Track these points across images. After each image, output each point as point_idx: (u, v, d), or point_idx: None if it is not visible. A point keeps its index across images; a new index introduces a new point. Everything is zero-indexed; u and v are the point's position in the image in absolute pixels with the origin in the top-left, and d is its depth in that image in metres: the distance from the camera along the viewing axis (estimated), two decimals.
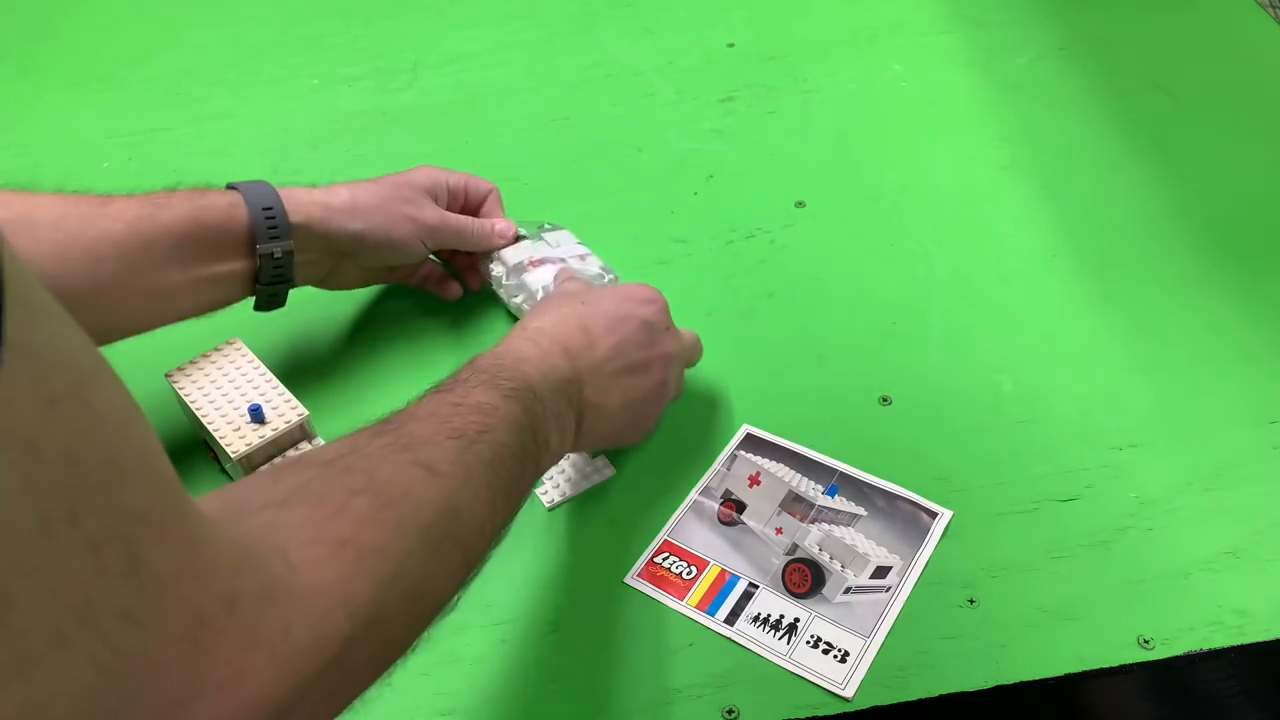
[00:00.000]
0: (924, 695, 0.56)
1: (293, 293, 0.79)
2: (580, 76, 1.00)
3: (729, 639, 0.59)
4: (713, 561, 0.62)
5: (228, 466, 0.64)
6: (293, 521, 0.39)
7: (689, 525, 0.64)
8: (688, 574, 0.62)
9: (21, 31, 1.10)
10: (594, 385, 0.59)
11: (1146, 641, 0.57)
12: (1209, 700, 0.57)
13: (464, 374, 0.54)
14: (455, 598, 0.47)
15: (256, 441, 0.61)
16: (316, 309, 0.78)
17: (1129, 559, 0.61)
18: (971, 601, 0.60)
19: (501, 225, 0.77)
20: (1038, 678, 0.56)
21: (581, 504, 0.66)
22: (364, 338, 0.77)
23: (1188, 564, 0.61)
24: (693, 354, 0.69)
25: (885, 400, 0.71)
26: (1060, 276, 0.78)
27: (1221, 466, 0.66)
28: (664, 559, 0.63)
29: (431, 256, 0.78)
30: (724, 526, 0.64)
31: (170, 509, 0.32)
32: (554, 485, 0.66)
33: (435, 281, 0.79)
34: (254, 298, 0.68)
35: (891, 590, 0.60)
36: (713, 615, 0.60)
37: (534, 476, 0.54)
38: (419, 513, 0.43)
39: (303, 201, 0.67)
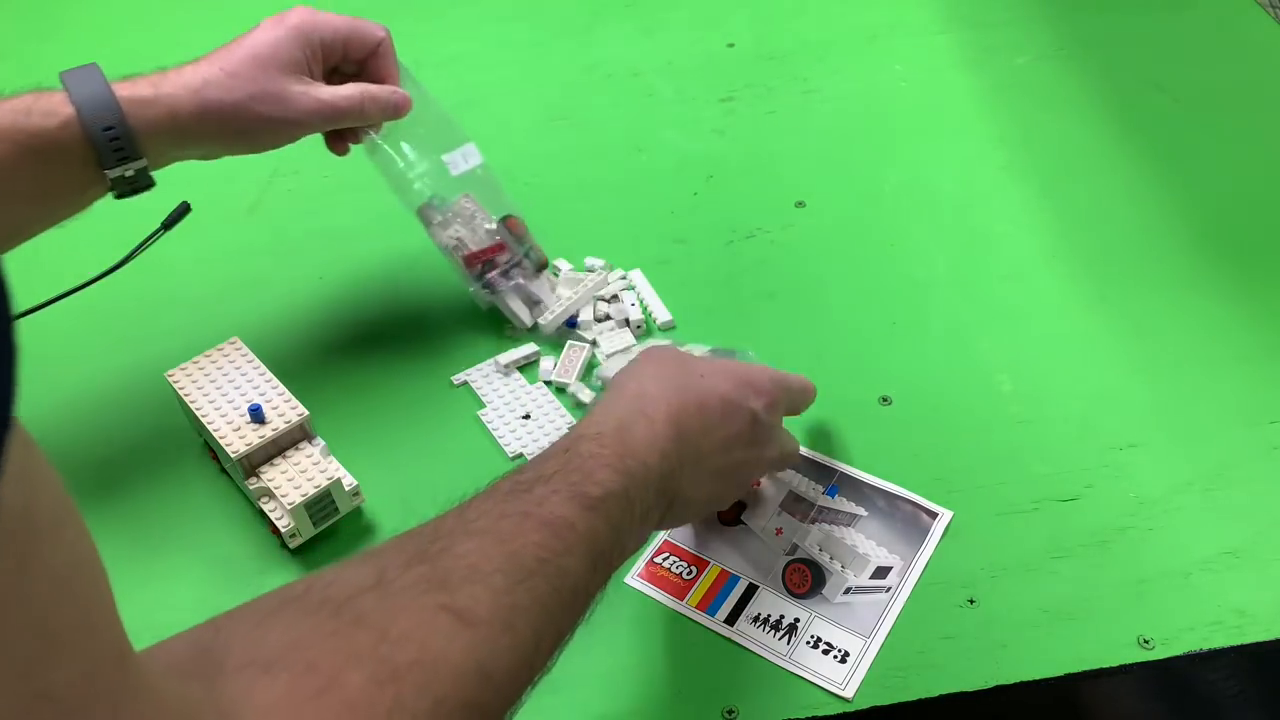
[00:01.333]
0: (924, 695, 0.56)
1: (293, 293, 0.79)
2: (580, 76, 1.00)
3: (729, 639, 0.59)
4: (713, 561, 0.62)
5: (227, 466, 0.64)
6: (271, 695, 0.34)
7: (689, 525, 0.64)
8: (688, 574, 0.62)
9: (22, 31, 1.10)
10: (692, 478, 0.53)
11: (1146, 641, 0.57)
12: (1209, 700, 0.57)
13: (550, 466, 0.47)
14: None
15: (256, 441, 0.61)
16: (317, 309, 0.78)
17: (1129, 559, 0.61)
18: (971, 601, 0.60)
19: (399, 97, 0.67)
20: (1038, 678, 0.56)
21: None
22: (364, 337, 0.77)
23: (1188, 564, 0.61)
24: (787, 461, 0.64)
25: (885, 400, 0.71)
26: (1060, 276, 0.78)
27: (1221, 466, 0.66)
28: (664, 559, 0.63)
29: None
30: (724, 526, 0.64)
31: (104, 686, 0.27)
32: None
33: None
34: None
35: (891, 590, 0.60)
36: (713, 615, 0.60)
37: (600, 593, 0.47)
38: (432, 683, 0.36)
39: (147, 110, 0.60)
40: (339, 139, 0.71)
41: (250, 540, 0.65)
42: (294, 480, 0.62)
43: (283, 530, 0.61)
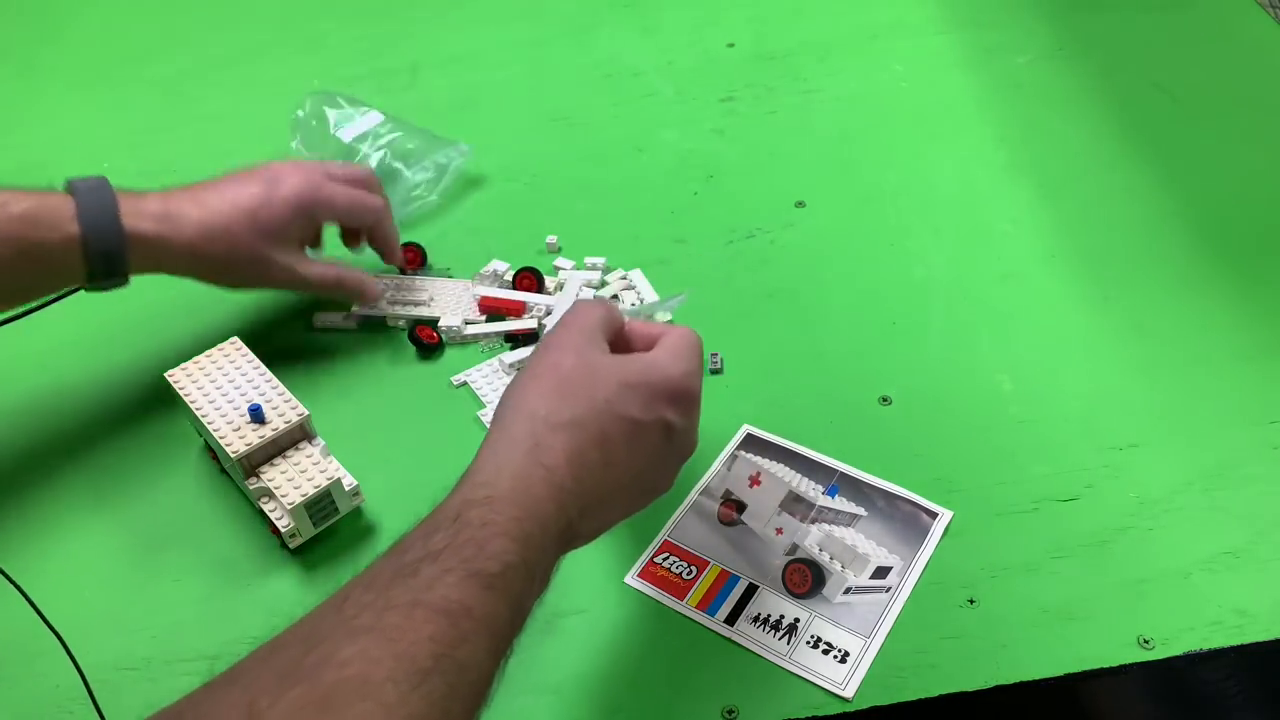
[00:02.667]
0: (924, 695, 0.56)
1: (293, 293, 0.79)
2: (580, 76, 1.00)
3: (729, 639, 0.59)
4: (713, 561, 0.62)
5: (227, 466, 0.64)
6: None
7: (689, 525, 0.64)
8: (688, 574, 0.62)
9: (22, 31, 1.10)
10: (596, 514, 0.49)
11: (1146, 641, 0.57)
12: (1209, 700, 0.57)
13: (438, 541, 0.42)
14: None
15: (256, 441, 0.61)
16: (317, 309, 0.78)
17: (1129, 559, 0.61)
18: (971, 601, 0.60)
19: (367, 286, 0.73)
20: (1038, 678, 0.56)
21: None
22: (365, 337, 0.77)
23: (1188, 564, 0.61)
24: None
25: (885, 400, 0.71)
26: (1060, 276, 0.78)
27: (1221, 466, 0.66)
28: (664, 559, 0.63)
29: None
30: (724, 526, 0.64)
31: None
32: None
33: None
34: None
35: (891, 590, 0.60)
36: (713, 615, 0.60)
37: (502, 672, 0.42)
38: None
39: (146, 246, 0.63)
40: (352, 237, 0.77)
41: (250, 540, 0.65)
42: (294, 480, 0.62)
43: (283, 530, 0.61)
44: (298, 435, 0.63)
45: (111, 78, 1.03)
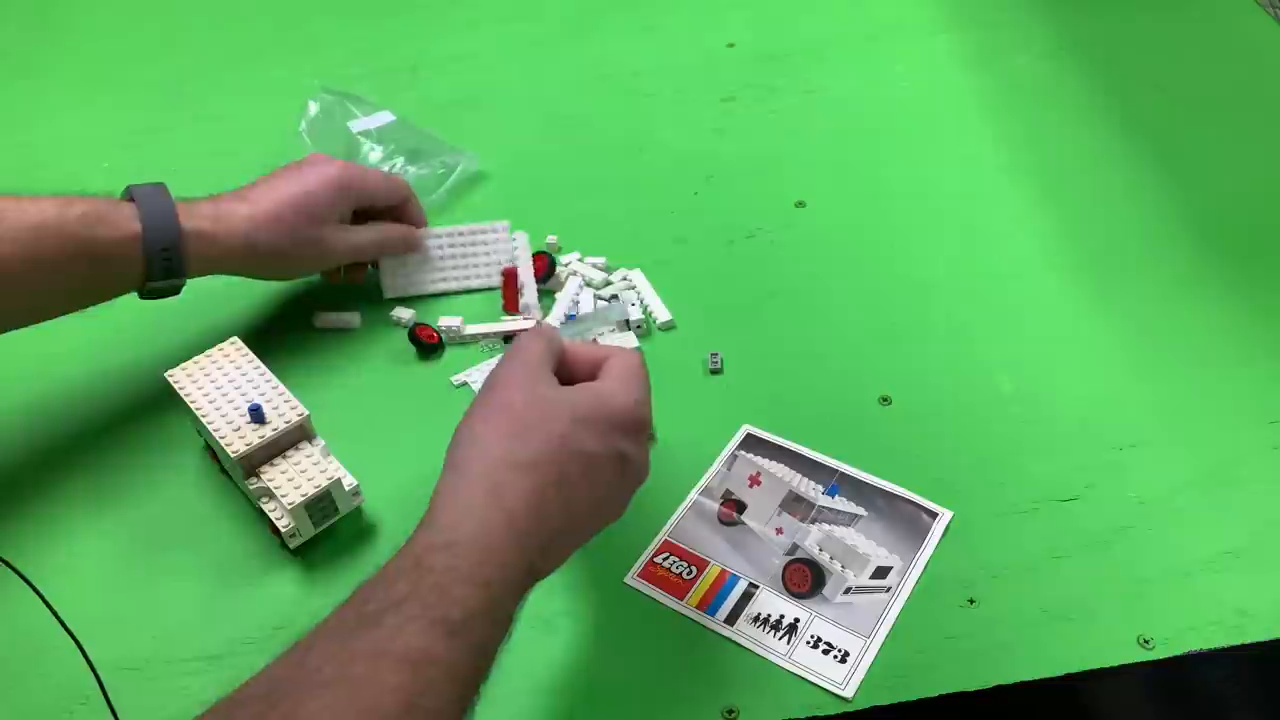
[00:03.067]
0: (924, 695, 0.56)
1: (293, 293, 0.79)
2: (580, 76, 1.00)
3: (729, 639, 0.59)
4: (713, 561, 0.62)
5: (227, 466, 0.64)
6: None
7: (689, 525, 0.64)
8: (688, 574, 0.62)
9: (21, 31, 1.10)
10: (557, 549, 0.50)
11: (1146, 641, 0.57)
12: (1209, 700, 0.57)
13: (400, 589, 0.41)
14: None
15: (256, 441, 0.61)
16: (317, 309, 0.78)
17: (1129, 559, 0.61)
18: (971, 601, 0.60)
19: (412, 235, 0.77)
20: (1038, 678, 0.56)
21: None
22: (364, 336, 0.77)
23: (1188, 564, 0.61)
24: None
25: (885, 400, 0.71)
26: (1060, 276, 0.78)
27: (1222, 466, 0.66)
28: (664, 559, 0.63)
29: None
30: (724, 526, 0.64)
31: None
32: None
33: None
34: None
35: (891, 590, 0.60)
36: (713, 615, 0.60)
37: (471, 715, 0.43)
38: None
39: (202, 244, 0.66)
40: (356, 270, 0.78)
41: (251, 541, 0.65)
42: (294, 480, 0.62)
43: (283, 530, 0.61)
44: (297, 435, 0.63)
45: (111, 78, 1.03)
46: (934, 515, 0.64)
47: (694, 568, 0.62)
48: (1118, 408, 0.69)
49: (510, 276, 0.78)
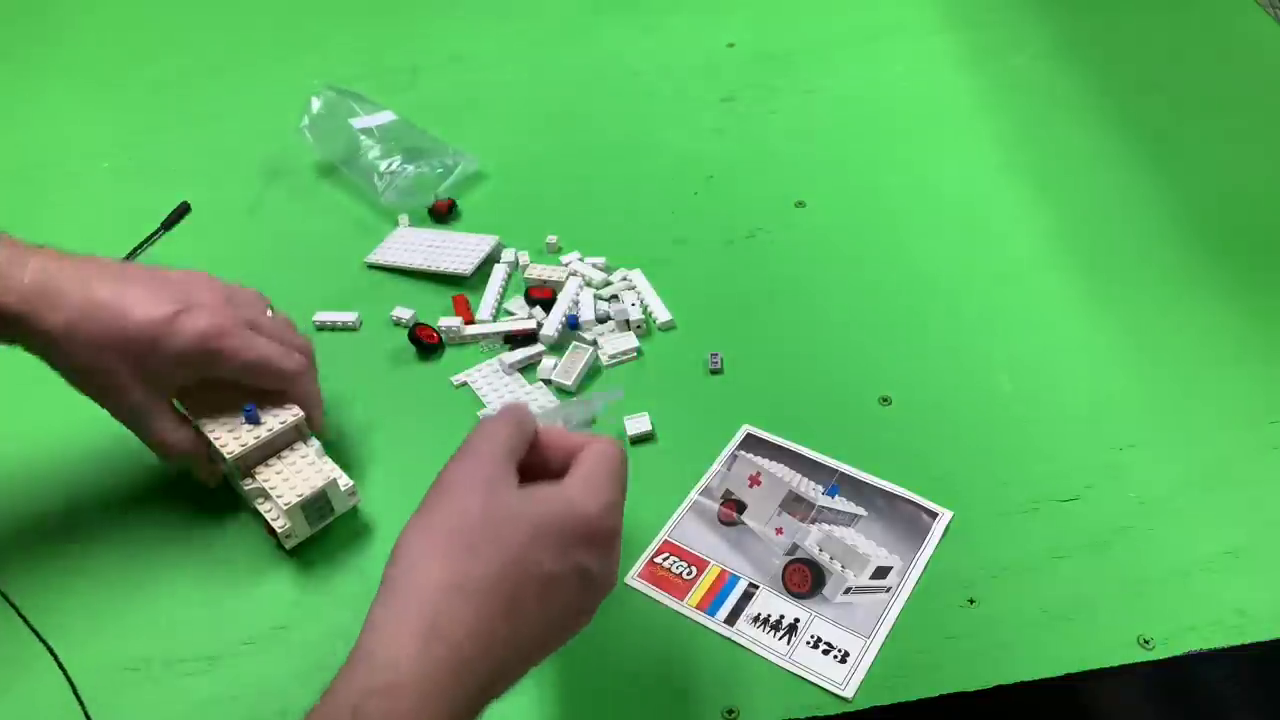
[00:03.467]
0: (924, 695, 0.56)
1: (292, 292, 0.79)
2: (580, 76, 1.00)
3: (729, 639, 0.59)
4: (713, 562, 0.62)
5: (224, 467, 0.64)
6: None
7: (689, 525, 0.64)
8: (688, 574, 0.62)
9: (21, 32, 1.10)
10: (507, 676, 0.45)
11: (1146, 641, 0.57)
12: (1209, 700, 0.57)
13: None
14: None
15: (251, 442, 0.61)
16: (316, 309, 0.78)
17: (1129, 559, 0.61)
18: (971, 601, 0.60)
19: (214, 473, 0.62)
20: (1038, 678, 0.56)
21: None
22: (364, 336, 0.77)
23: (1188, 564, 0.61)
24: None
25: (885, 400, 0.71)
26: (1060, 276, 0.78)
27: (1221, 466, 0.66)
28: (664, 559, 0.63)
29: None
30: (724, 527, 0.64)
31: None
32: None
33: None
34: None
35: (891, 590, 0.60)
36: (713, 615, 0.60)
37: None
38: None
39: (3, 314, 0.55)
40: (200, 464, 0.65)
41: (248, 541, 0.64)
42: (289, 480, 0.62)
43: (279, 530, 0.61)
44: (292, 436, 0.63)
45: (111, 78, 1.03)
46: (934, 515, 0.64)
47: (694, 568, 0.62)
48: (1118, 408, 0.69)
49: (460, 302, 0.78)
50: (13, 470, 0.68)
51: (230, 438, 0.61)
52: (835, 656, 0.57)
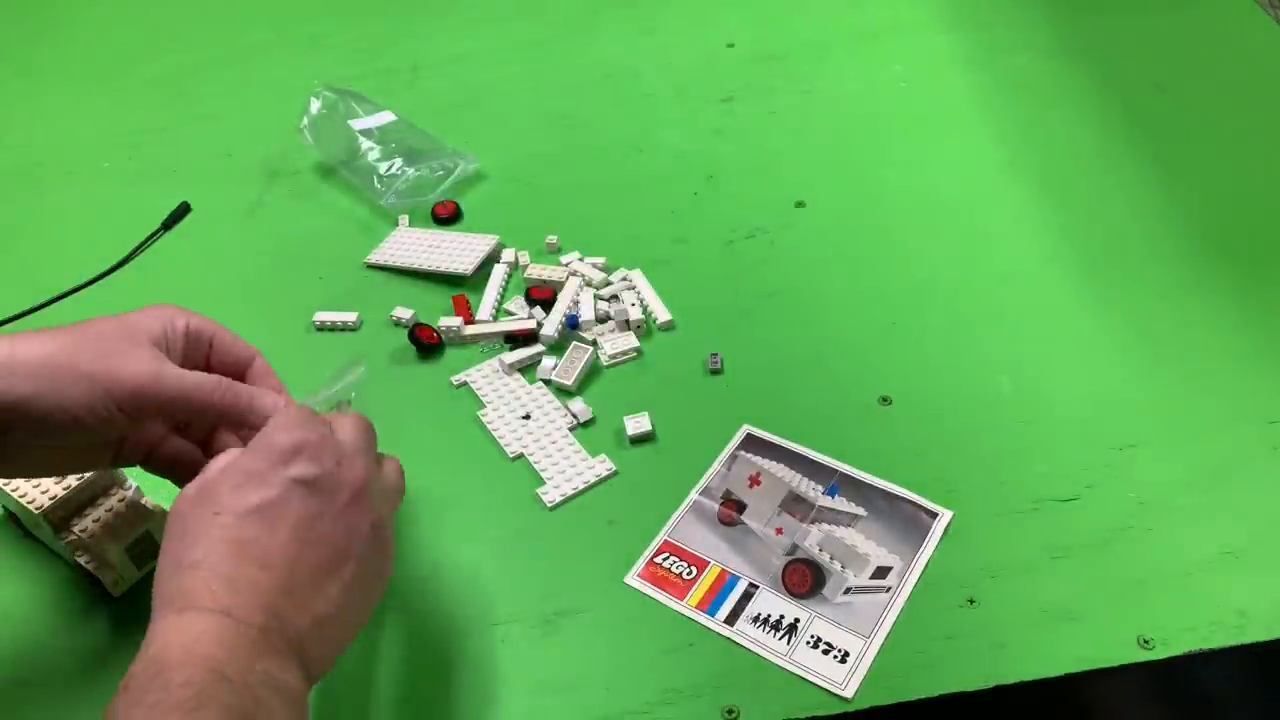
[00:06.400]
0: (924, 695, 0.56)
1: (293, 292, 0.79)
2: (580, 76, 1.00)
3: (729, 639, 0.59)
4: (713, 562, 0.62)
5: (30, 526, 0.62)
6: None
7: (689, 525, 0.64)
8: (688, 574, 0.62)
9: (21, 31, 1.10)
10: (317, 637, 0.45)
11: (1146, 641, 0.57)
12: (1209, 700, 0.57)
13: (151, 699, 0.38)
14: None
15: (60, 493, 0.58)
16: (316, 309, 0.78)
17: (1129, 559, 0.61)
18: (971, 601, 0.60)
19: (271, 398, 0.54)
20: (1038, 678, 0.56)
21: (581, 504, 0.66)
22: (364, 336, 0.77)
23: (1188, 564, 0.61)
24: (394, 486, 0.53)
25: (885, 400, 0.71)
26: (1060, 276, 0.78)
27: (1221, 466, 0.66)
28: (664, 559, 0.63)
29: None
30: (724, 527, 0.64)
31: None
32: (554, 485, 0.66)
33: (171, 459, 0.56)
34: None
35: (891, 590, 0.60)
36: (713, 615, 0.60)
37: None
38: None
39: None
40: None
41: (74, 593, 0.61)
42: (108, 526, 0.58)
43: (105, 581, 0.59)
44: (107, 481, 0.60)
45: (111, 77, 1.03)
46: (934, 515, 0.64)
47: (694, 568, 0.62)
48: (1118, 408, 0.69)
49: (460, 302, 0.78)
50: None
51: (36, 491, 0.58)
52: (835, 656, 0.57)
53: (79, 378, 0.49)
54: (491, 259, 0.81)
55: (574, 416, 0.70)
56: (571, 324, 0.75)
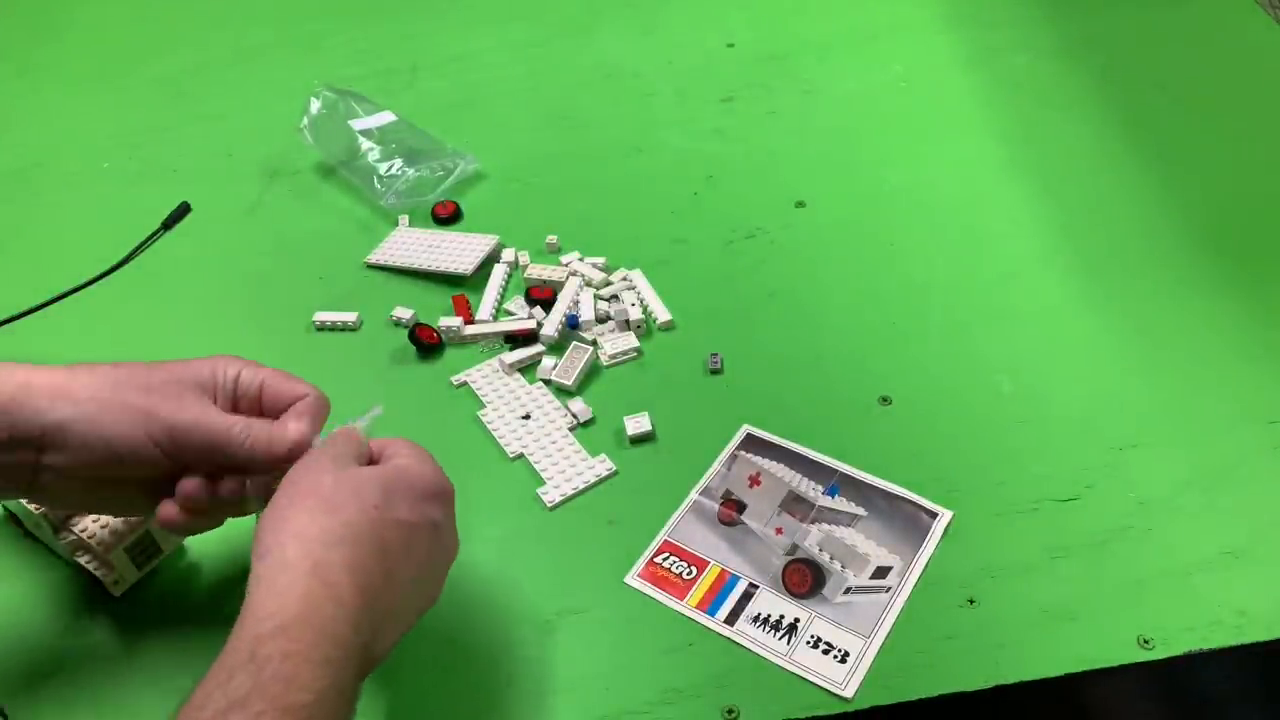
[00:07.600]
0: (924, 695, 0.56)
1: (293, 292, 0.79)
2: (580, 77, 1.00)
3: (729, 639, 0.59)
4: (713, 561, 0.62)
5: (30, 526, 0.62)
6: None
7: (689, 525, 0.64)
8: (688, 574, 0.62)
9: (21, 31, 1.10)
10: (387, 630, 0.47)
11: (1146, 641, 0.57)
12: (1209, 700, 0.57)
13: (239, 683, 0.40)
14: None
15: None
16: (316, 309, 0.78)
17: (1129, 559, 0.61)
18: (971, 601, 0.60)
19: (293, 429, 0.53)
20: (1038, 678, 0.56)
21: (581, 504, 0.66)
22: (364, 336, 0.77)
23: (1188, 564, 0.61)
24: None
25: (885, 400, 0.71)
26: (1060, 276, 0.78)
27: (1221, 466, 0.66)
28: (664, 559, 0.63)
29: None
30: (724, 526, 0.64)
31: None
32: (554, 485, 0.66)
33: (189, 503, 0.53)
34: None
35: (891, 590, 0.60)
36: (713, 615, 0.60)
37: None
38: None
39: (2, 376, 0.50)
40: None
41: (74, 592, 0.62)
42: (109, 525, 0.58)
43: (103, 580, 0.59)
44: None
45: (111, 77, 1.03)
46: (934, 515, 0.64)
47: (694, 568, 0.62)
48: (1118, 408, 0.69)
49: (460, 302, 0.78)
50: None
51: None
52: (835, 656, 0.58)
53: (121, 409, 0.50)
54: (491, 259, 0.81)
55: (574, 416, 0.70)
56: (571, 324, 0.75)
